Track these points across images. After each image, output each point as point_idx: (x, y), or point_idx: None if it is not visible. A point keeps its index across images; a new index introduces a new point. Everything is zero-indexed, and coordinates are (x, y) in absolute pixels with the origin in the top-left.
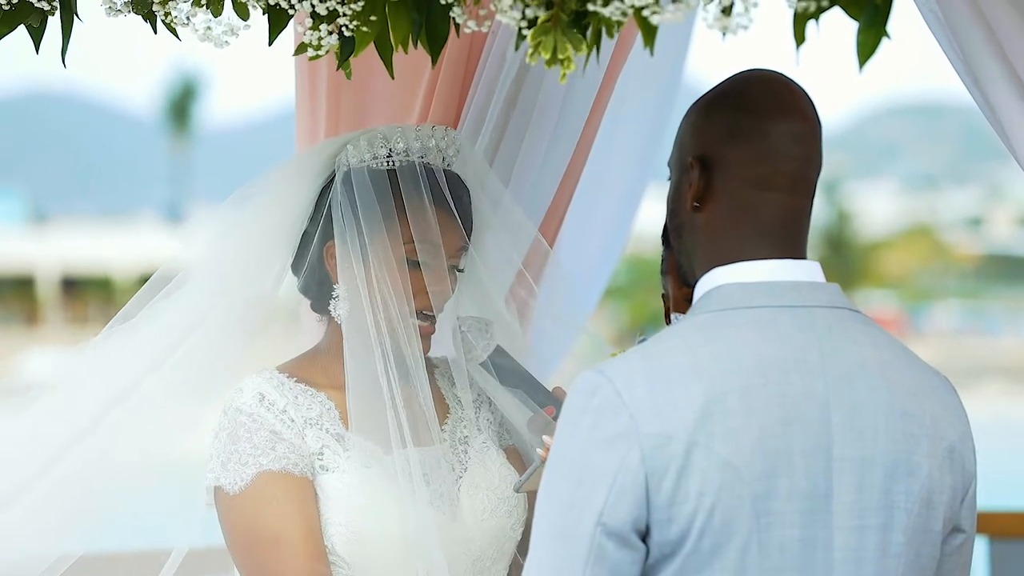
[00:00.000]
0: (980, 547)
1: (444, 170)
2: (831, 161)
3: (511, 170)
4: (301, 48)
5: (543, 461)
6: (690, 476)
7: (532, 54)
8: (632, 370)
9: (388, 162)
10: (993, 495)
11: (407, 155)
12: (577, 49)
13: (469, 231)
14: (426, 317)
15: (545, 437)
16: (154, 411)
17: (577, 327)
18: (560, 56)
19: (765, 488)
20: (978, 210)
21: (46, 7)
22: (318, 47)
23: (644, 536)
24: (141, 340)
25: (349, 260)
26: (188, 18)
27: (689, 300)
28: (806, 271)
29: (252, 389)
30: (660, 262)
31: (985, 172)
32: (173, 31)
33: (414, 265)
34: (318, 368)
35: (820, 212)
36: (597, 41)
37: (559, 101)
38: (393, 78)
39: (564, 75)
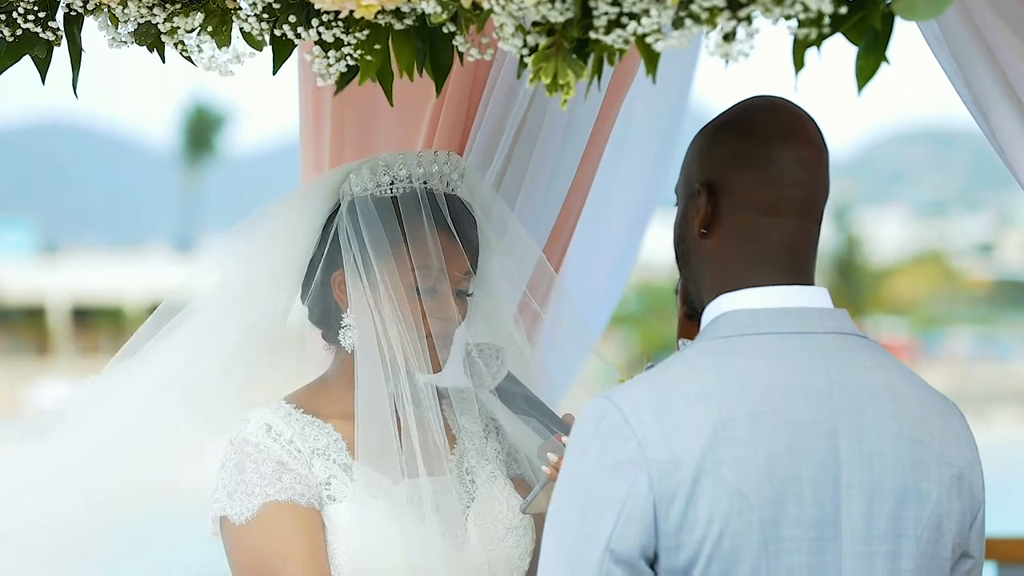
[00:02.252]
0: (989, 573)
1: (446, 194)
2: (841, 187)
3: (516, 195)
4: (340, 83)
5: (549, 480)
6: (698, 503)
7: (533, 79)
8: (640, 397)
9: (391, 189)
10: (1003, 521)
11: (409, 181)
12: (578, 75)
13: (474, 256)
14: (439, 339)
15: (550, 455)
16: (159, 440)
17: (584, 352)
18: (560, 82)
19: (773, 515)
20: (988, 236)
21: (51, 37)
22: (325, 76)
23: (652, 563)
24: (147, 370)
25: (359, 288)
26: (199, 47)
27: (697, 325)
28: (814, 297)
29: (259, 420)
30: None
31: (995, 198)
32: (189, 58)
33: (422, 292)
34: (326, 398)
35: (830, 238)
36: (599, 69)
37: (563, 127)
38: (392, 106)
39: (565, 102)
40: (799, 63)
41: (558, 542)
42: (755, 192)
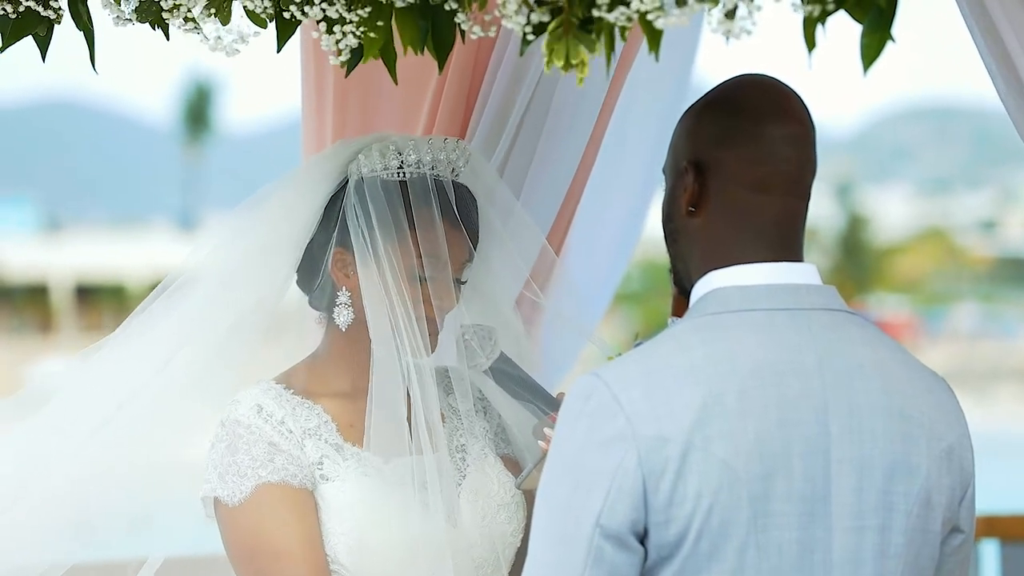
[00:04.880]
0: (991, 550)
1: (453, 182)
2: (843, 165)
3: (524, 178)
4: (349, 65)
5: (544, 454)
6: (688, 478)
7: (548, 62)
8: (628, 373)
9: (399, 173)
10: (1005, 498)
11: (418, 167)
12: (591, 51)
13: (475, 244)
14: (430, 329)
15: (546, 430)
16: (155, 417)
17: (586, 334)
18: (573, 61)
19: (763, 490)
20: (991, 213)
21: (52, 15)
22: (339, 53)
23: (642, 538)
24: (144, 345)
25: (369, 270)
26: (198, 25)
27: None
28: (802, 274)
29: (249, 401)
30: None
31: (998, 175)
32: (196, 28)
33: (422, 279)
34: (315, 377)
35: (833, 216)
36: (611, 45)
37: (571, 107)
38: (397, 84)
39: (581, 79)
40: (811, 42)
41: (548, 518)
42: (743, 169)
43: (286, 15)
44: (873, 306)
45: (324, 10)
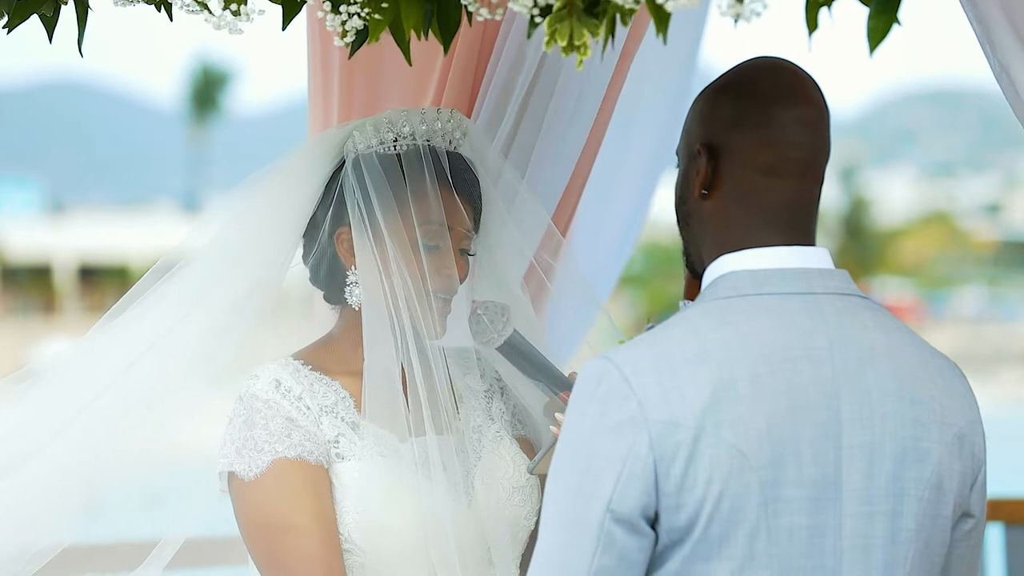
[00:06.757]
0: (995, 534)
1: (448, 152)
2: (848, 148)
3: (528, 159)
4: (353, 46)
5: (556, 439)
6: (698, 462)
7: (548, 42)
8: (639, 357)
9: (395, 146)
10: (1009, 482)
11: (413, 138)
12: (594, 35)
13: (477, 213)
14: (439, 299)
15: (558, 415)
16: (154, 394)
17: (592, 314)
18: (576, 43)
19: (773, 475)
20: (995, 197)
21: None
22: (344, 34)
23: (653, 523)
24: (145, 323)
25: (365, 246)
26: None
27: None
28: (815, 258)
29: (269, 376)
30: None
31: (1002, 159)
32: (205, 5)
33: (425, 248)
34: (332, 356)
35: (837, 199)
36: (612, 29)
37: (576, 89)
38: (411, 65)
39: (580, 62)
40: (812, 23)
41: (558, 503)
42: (756, 153)
43: None
44: (877, 289)
45: None
